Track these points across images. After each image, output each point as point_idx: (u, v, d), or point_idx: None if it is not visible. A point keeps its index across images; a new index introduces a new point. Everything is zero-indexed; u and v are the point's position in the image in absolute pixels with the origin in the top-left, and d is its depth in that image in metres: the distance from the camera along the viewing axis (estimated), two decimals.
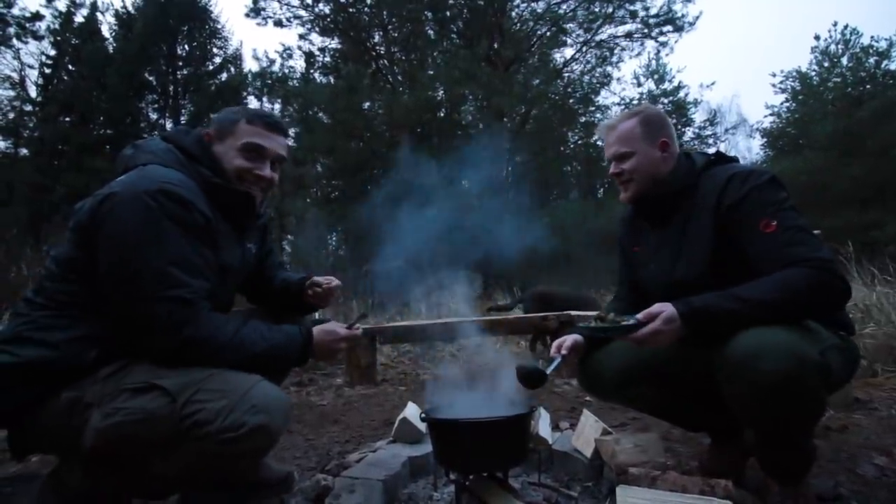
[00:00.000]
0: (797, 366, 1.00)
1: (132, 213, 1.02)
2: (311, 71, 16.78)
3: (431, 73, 14.76)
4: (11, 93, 16.61)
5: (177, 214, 1.05)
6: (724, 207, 1.23)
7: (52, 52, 17.29)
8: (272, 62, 15.48)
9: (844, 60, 17.81)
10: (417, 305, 6.10)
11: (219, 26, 19.25)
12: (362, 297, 5.83)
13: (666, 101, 16.98)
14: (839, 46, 17.89)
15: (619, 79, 18.06)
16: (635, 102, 16.98)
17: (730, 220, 1.22)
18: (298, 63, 16.65)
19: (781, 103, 19.71)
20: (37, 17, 15.46)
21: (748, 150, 21.17)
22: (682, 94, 17.12)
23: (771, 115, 20.02)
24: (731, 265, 1.21)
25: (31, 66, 17.06)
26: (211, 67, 19.01)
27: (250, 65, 23.08)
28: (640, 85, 17.71)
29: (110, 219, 1.02)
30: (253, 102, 18.37)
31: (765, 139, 20.49)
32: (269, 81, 15.12)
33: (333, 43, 16.72)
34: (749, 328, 1.06)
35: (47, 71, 17.36)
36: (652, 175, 1.36)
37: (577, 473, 1.55)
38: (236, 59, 19.40)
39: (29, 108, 17.15)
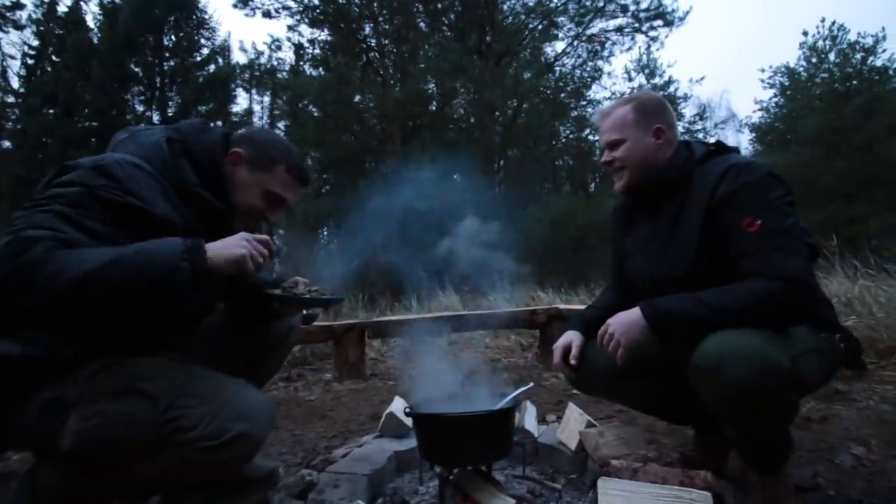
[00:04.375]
0: (762, 373, 1.00)
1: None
2: (301, 63, 16.60)
3: (422, 65, 14.67)
4: None
5: (94, 182, 0.98)
6: (716, 200, 1.20)
7: (35, 43, 16.90)
8: (260, 54, 15.31)
9: (832, 56, 18.01)
10: (408, 300, 6.10)
11: (206, 16, 18.89)
12: (353, 292, 5.81)
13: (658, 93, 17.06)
14: (827, 42, 18.07)
15: (610, 73, 18.17)
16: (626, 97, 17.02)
17: (719, 214, 1.19)
18: (288, 55, 16.49)
19: (770, 98, 19.95)
20: (17, 5, 15.13)
21: (737, 144, 21.24)
22: (672, 88, 17.20)
23: (760, 110, 20.27)
24: (718, 264, 1.19)
25: (12, 57, 16.71)
26: (198, 59, 18.67)
27: (238, 57, 22.78)
28: (630, 79, 17.76)
29: None
30: (241, 95, 18.15)
31: (753, 134, 20.73)
32: (258, 73, 14.93)
33: (323, 35, 16.55)
34: (718, 332, 1.06)
35: (30, 62, 16.97)
36: (644, 163, 1.32)
37: (562, 466, 1.56)
38: (224, 50, 19.10)
39: (11, 99, 16.78)
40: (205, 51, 18.81)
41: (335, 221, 13.59)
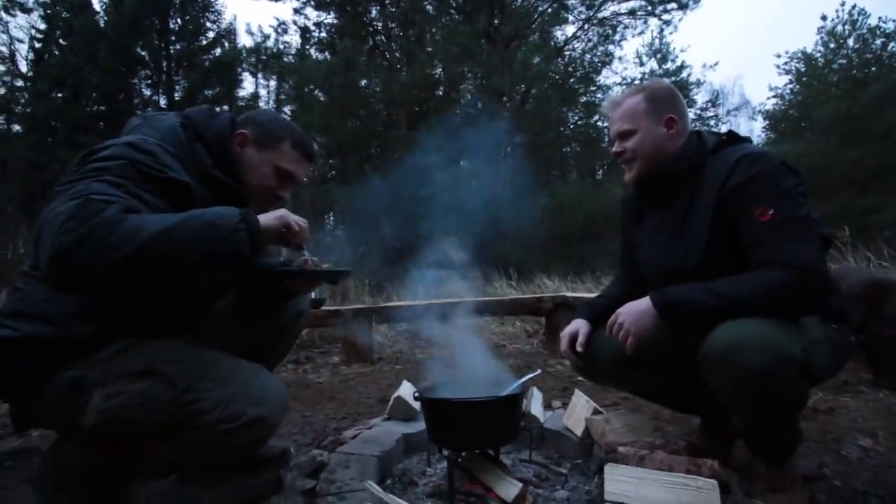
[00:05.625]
0: (775, 363, 1.00)
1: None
2: (307, 47, 16.45)
3: (430, 49, 14.49)
4: (2, 67, 16.26)
5: (134, 156, 1.02)
6: (727, 190, 1.19)
7: (43, 26, 16.85)
8: (266, 37, 15.16)
9: (851, 42, 17.53)
10: (414, 286, 6.12)
11: None
12: (359, 278, 5.84)
13: (668, 81, 16.74)
14: (846, 27, 17.58)
15: (621, 58, 17.69)
16: (637, 82, 16.75)
17: (731, 203, 1.19)
18: (294, 38, 16.33)
19: (785, 85, 19.53)
20: None
21: (750, 132, 21.00)
22: (684, 74, 16.89)
23: (774, 96, 19.85)
24: (730, 254, 1.19)
25: (20, 41, 16.68)
26: (204, 42, 18.53)
27: (244, 40, 22.58)
28: (642, 64, 17.46)
29: None
30: (248, 79, 18.04)
31: (767, 121, 20.32)
32: (264, 57, 14.81)
33: (329, 18, 16.36)
34: (729, 321, 1.06)
35: (38, 45, 16.94)
36: (656, 154, 1.31)
37: (568, 451, 1.58)
38: (230, 33, 18.94)
39: (20, 83, 16.79)
40: (210, 34, 18.68)
41: (340, 207, 13.62)
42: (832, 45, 17.96)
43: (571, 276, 6.17)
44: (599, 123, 16.98)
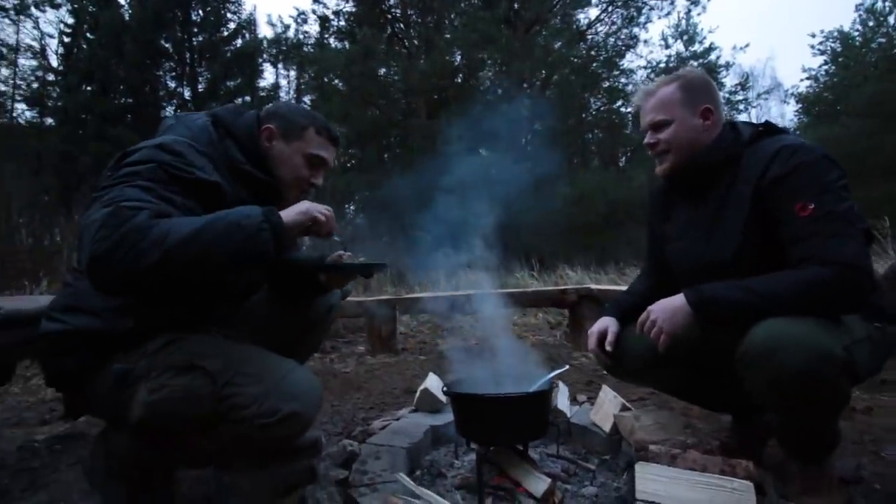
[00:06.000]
0: (817, 361, 0.98)
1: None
2: (326, 36, 16.43)
3: (448, 36, 14.31)
4: (34, 62, 16.76)
5: (163, 158, 1.04)
6: (766, 182, 1.15)
7: (71, 21, 17.24)
8: (287, 28, 15.19)
9: (892, 19, 16.62)
10: (436, 276, 6.14)
11: None
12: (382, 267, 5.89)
13: (695, 63, 16.17)
14: (887, 4, 16.64)
15: (646, 41, 17.08)
16: (662, 66, 16.24)
17: (770, 196, 1.15)
18: (313, 28, 16.32)
19: (820, 66, 18.70)
20: None
21: (781, 116, 20.23)
22: (712, 56, 16.28)
23: (807, 78, 19.04)
24: (766, 248, 1.16)
25: (50, 36, 17.13)
26: (225, 33, 18.68)
27: (264, 30, 22.72)
28: (667, 47, 16.87)
29: None
30: (268, 69, 18.16)
31: (800, 105, 19.53)
32: (284, 48, 14.87)
33: (348, 6, 16.27)
34: (769, 319, 1.03)
35: (67, 40, 17.37)
36: (691, 146, 1.27)
37: (595, 446, 1.58)
38: (250, 24, 19.02)
39: (51, 77, 17.29)
40: (231, 25, 18.81)
41: (361, 196, 13.70)
42: (871, 23, 17.07)
43: (594, 267, 6.10)
44: (623, 109, 16.58)
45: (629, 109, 16.81)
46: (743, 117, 17.34)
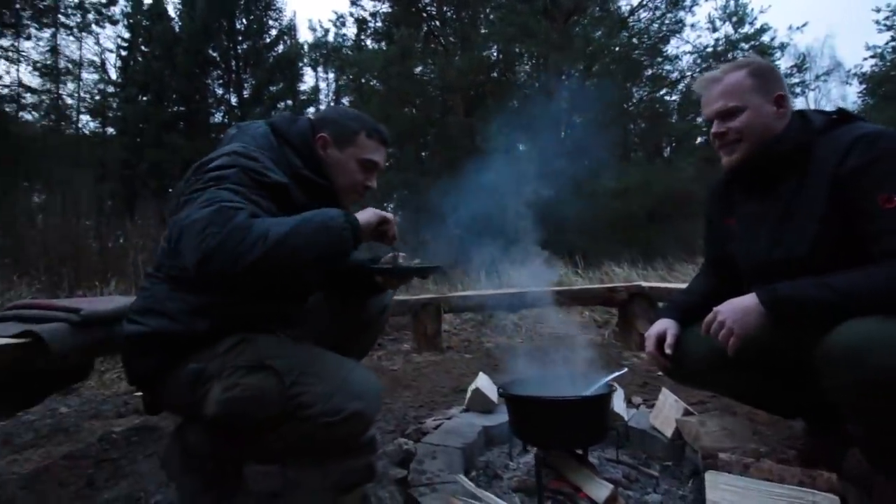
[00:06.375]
0: None
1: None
2: (363, 37, 16.71)
3: (485, 31, 14.19)
4: (95, 76, 18.02)
5: (244, 163, 1.10)
6: (844, 173, 1.07)
7: (127, 35, 18.41)
8: (327, 31, 15.56)
9: None
10: (477, 274, 6.13)
11: None
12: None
13: (746, 46, 15.28)
14: None
15: (693, 24, 16.24)
16: (709, 50, 15.46)
17: (849, 187, 1.07)
18: (351, 30, 16.64)
19: (886, 43, 17.23)
20: (112, 2, 16.41)
21: (843, 98, 18.87)
22: (765, 37, 15.32)
23: (872, 56, 17.59)
24: (844, 244, 1.08)
25: (110, 50, 18.36)
26: (268, 40, 19.44)
27: (305, 35, 23.38)
28: (715, 30, 16.01)
29: None
30: (308, 73, 18.68)
31: (864, 85, 18.10)
32: (325, 51, 15.24)
33: (385, 7, 16.47)
34: (854, 319, 0.97)
35: (124, 53, 18.57)
36: (763, 135, 1.20)
37: (656, 452, 1.53)
38: (291, 29, 19.71)
39: (111, 89, 18.54)
40: (273, 32, 19.53)
41: (399, 195, 13.87)
42: None
43: (642, 264, 5.89)
44: (667, 97, 15.92)
45: (674, 98, 16.14)
46: (800, 101, 16.28)
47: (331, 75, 20.16)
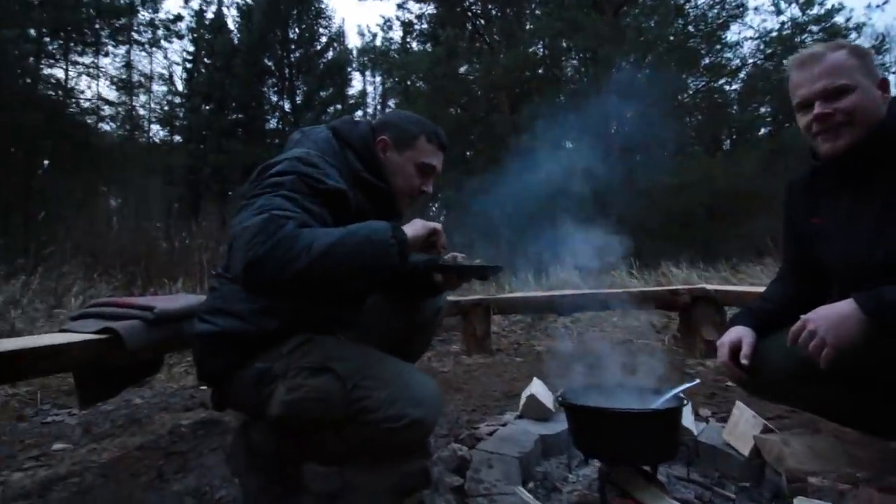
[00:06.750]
0: None
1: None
2: (409, 39, 16.94)
3: (530, 27, 13.95)
4: (164, 88, 19.45)
5: (303, 169, 1.12)
6: None
7: (191, 49, 19.72)
8: (374, 36, 15.91)
9: None
10: (525, 275, 6.03)
11: (323, 6, 20.27)
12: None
13: (816, 29, 14.03)
14: None
15: (756, 8, 15.18)
16: (774, 35, 14.36)
17: None
18: (398, 34, 16.92)
19: None
20: (178, 18, 17.53)
21: None
22: (839, 18, 14.00)
23: None
24: None
25: (176, 63, 19.72)
26: (318, 47, 20.20)
27: (353, 40, 24.07)
28: (779, 13, 14.77)
29: None
30: (357, 78, 19.17)
31: None
32: (373, 56, 15.58)
33: (430, 8, 16.60)
34: None
35: (189, 66, 19.90)
36: (870, 120, 1.08)
37: (730, 471, 1.42)
38: (340, 36, 20.39)
39: (178, 100, 19.93)
40: (323, 39, 20.27)
41: (444, 196, 13.90)
42: None
43: (702, 265, 5.56)
44: (727, 87, 14.97)
45: (734, 87, 15.15)
46: None
47: (378, 79, 20.63)
